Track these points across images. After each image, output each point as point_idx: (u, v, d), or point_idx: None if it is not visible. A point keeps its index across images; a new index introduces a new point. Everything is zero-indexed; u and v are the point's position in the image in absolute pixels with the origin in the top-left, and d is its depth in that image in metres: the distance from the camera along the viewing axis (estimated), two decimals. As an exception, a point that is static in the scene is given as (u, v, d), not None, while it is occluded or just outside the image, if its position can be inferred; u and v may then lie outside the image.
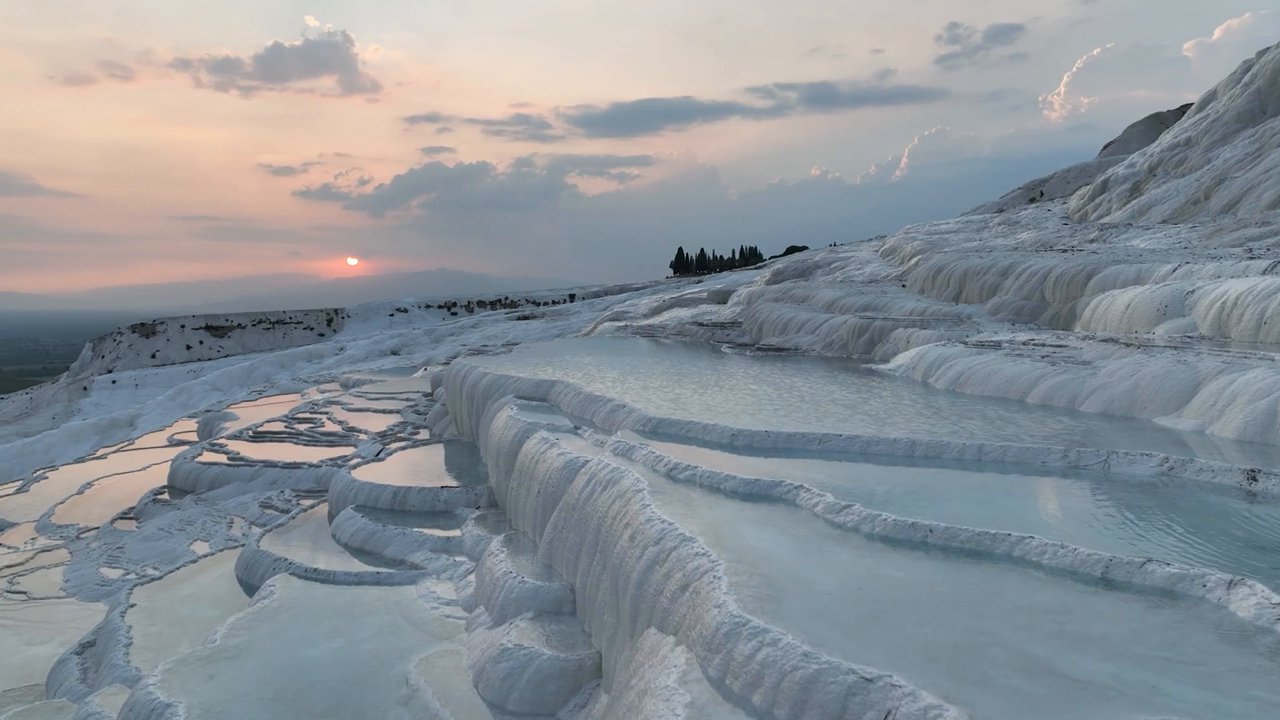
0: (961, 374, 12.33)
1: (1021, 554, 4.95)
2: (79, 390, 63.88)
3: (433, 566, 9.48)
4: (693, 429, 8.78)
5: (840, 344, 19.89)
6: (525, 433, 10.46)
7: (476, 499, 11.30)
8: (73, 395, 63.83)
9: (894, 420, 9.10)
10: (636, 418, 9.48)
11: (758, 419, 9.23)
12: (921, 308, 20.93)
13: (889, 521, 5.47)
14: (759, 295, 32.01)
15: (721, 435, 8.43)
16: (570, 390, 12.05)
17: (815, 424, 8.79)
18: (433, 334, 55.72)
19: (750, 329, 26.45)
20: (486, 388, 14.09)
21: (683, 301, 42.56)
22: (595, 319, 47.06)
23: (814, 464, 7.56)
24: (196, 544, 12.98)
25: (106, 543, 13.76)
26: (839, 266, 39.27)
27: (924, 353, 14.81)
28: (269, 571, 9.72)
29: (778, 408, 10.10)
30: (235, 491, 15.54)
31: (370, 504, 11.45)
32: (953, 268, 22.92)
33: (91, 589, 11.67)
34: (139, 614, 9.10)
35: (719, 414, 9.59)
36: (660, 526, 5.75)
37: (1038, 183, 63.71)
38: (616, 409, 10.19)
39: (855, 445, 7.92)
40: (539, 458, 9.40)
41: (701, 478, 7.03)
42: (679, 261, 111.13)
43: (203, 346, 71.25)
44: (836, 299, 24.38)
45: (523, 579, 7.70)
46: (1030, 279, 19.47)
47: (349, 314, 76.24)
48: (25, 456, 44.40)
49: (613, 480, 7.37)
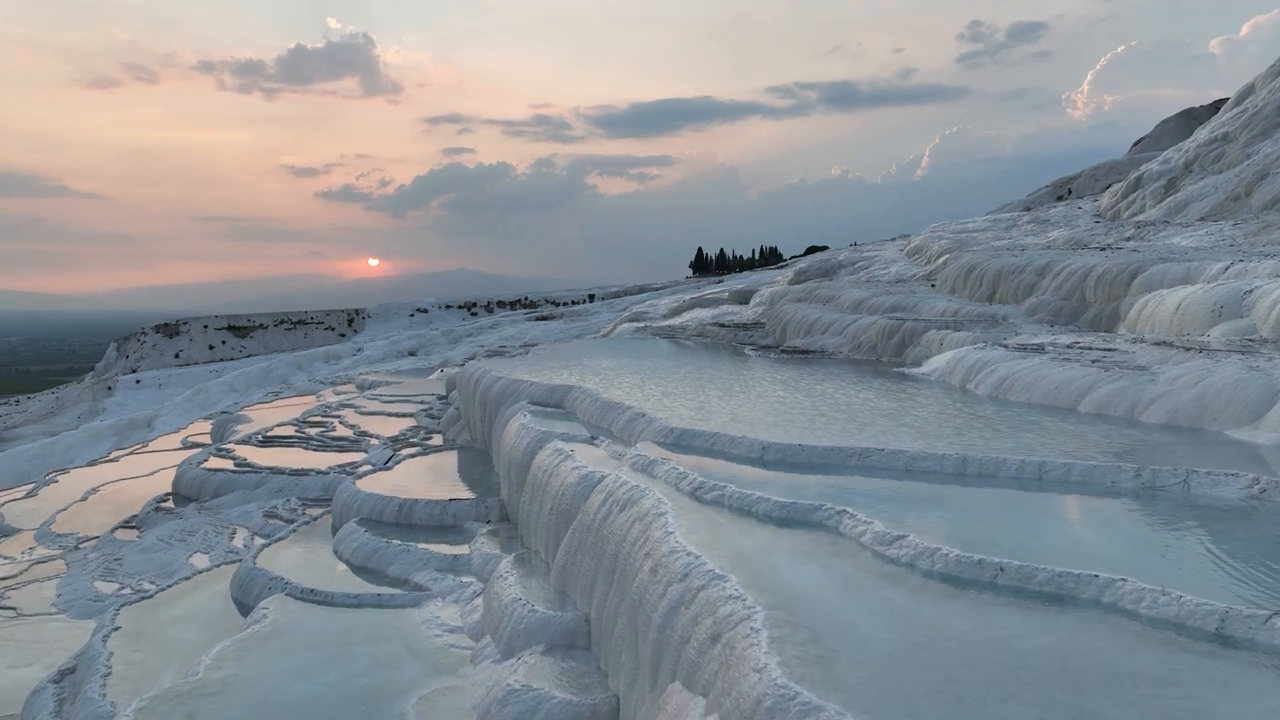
0: (1005, 379, 11.54)
1: (1113, 600, 4.20)
2: (103, 390, 64.11)
3: (438, 588, 8.81)
4: (719, 441, 8.06)
5: (869, 346, 19.10)
6: (538, 443, 9.79)
7: (487, 512, 10.63)
8: (97, 395, 64.07)
9: (938, 432, 8.35)
10: (657, 428, 8.77)
11: (789, 430, 8.50)
12: (954, 308, 20.09)
13: (950, 558, 4.73)
14: (782, 295, 31.24)
15: (751, 449, 7.71)
16: (587, 396, 11.36)
17: (853, 436, 8.05)
18: (450, 335, 55.24)
19: (774, 330, 25.68)
20: (499, 392, 13.42)
21: (703, 302, 41.82)
22: (614, 319, 46.41)
23: (854, 482, 6.83)
24: (196, 556, 12.39)
25: (105, 554, 13.21)
26: (863, 266, 38.39)
27: (960, 356, 14.01)
28: (264, 591, 9.09)
29: (810, 417, 9.36)
30: (240, 500, 14.95)
31: (375, 517, 10.80)
32: (985, 267, 22.04)
33: (84, 605, 11.09)
34: (123, 638, 8.48)
35: (747, 424, 8.87)
36: (686, 560, 5.04)
37: (1066, 180, 62.47)
38: (636, 418, 9.49)
39: (899, 461, 7.18)
40: (552, 471, 8.71)
41: (731, 498, 6.32)
42: (698, 262, 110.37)
43: (225, 346, 71.40)
44: (863, 299, 23.56)
45: (533, 607, 7.01)
46: (1069, 278, 18.59)
47: (370, 314, 76.16)
48: (45, 457, 44.31)
49: (632, 500, 6.67)
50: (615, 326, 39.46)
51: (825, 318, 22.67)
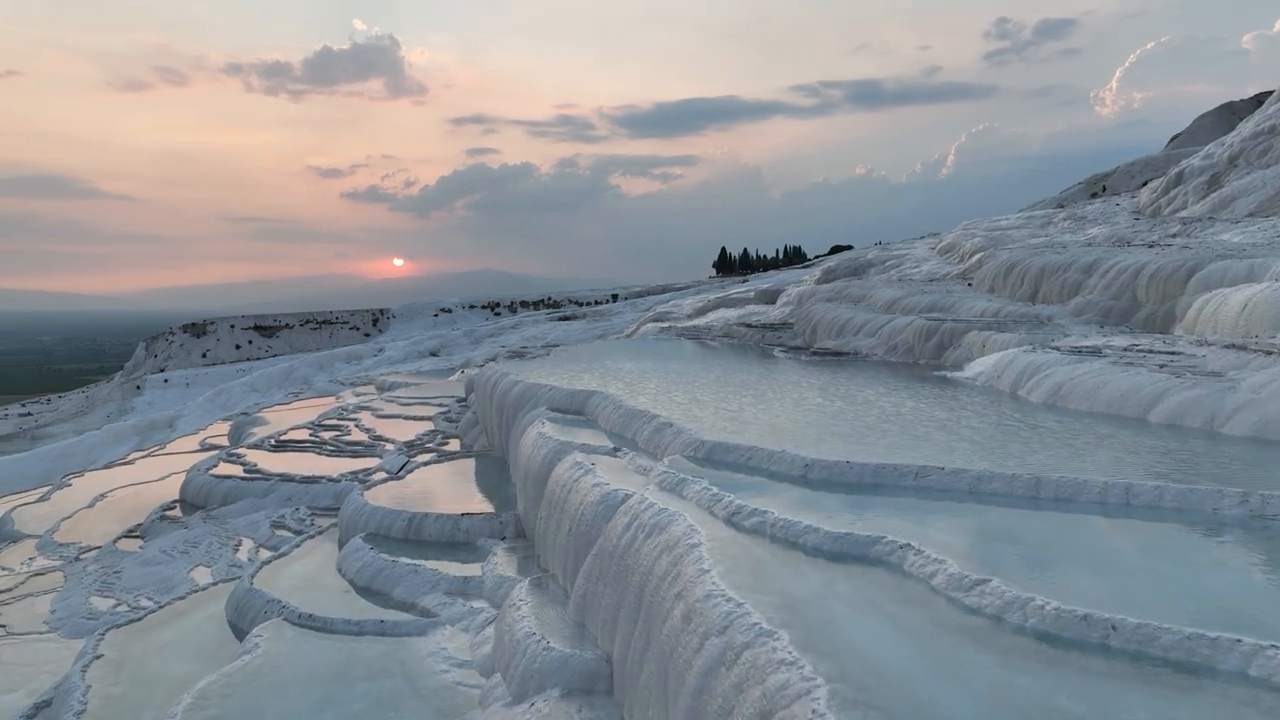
0: (1062, 385, 10.64)
1: (1263, 674, 3.38)
2: (132, 389, 64.43)
3: (446, 614, 8.07)
4: (756, 456, 7.26)
5: (905, 348, 18.20)
6: (556, 454, 9.03)
7: (502, 528, 9.89)
8: (126, 394, 64.38)
9: (1002, 447, 7.50)
10: (686, 440, 7.98)
11: (833, 444, 7.68)
12: (994, 308, 19.15)
13: (1048, 611, 3.91)
14: (810, 295, 30.36)
15: (792, 465, 6.90)
16: (609, 403, 10.59)
17: (906, 452, 7.22)
18: (472, 335, 54.69)
19: (803, 330, 24.81)
20: (517, 397, 12.68)
21: (728, 301, 40.98)
22: (638, 319, 45.66)
23: (911, 507, 6.01)
24: (197, 570, 11.76)
25: (104, 566, 12.61)
26: (894, 265, 37.39)
27: (1008, 359, 13.12)
28: (260, 615, 8.39)
29: (854, 428, 8.53)
30: (247, 508, 14.33)
31: (382, 532, 10.08)
32: (1027, 265, 21.06)
33: (76, 623, 10.47)
34: (105, 668, 7.82)
35: (785, 436, 8.06)
36: (726, 608, 4.25)
37: (1100, 177, 61.02)
38: (663, 428, 8.70)
39: (962, 482, 6.34)
40: (571, 487, 7.95)
41: (773, 527, 5.52)
42: (722, 261, 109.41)
43: (251, 346, 71.61)
44: (897, 299, 22.64)
45: (548, 644, 6.25)
46: (1118, 277, 17.60)
47: (394, 314, 76.15)
48: (67, 457, 44.20)
49: (660, 525, 5.89)
50: (639, 327, 38.70)
51: (857, 318, 21.79)
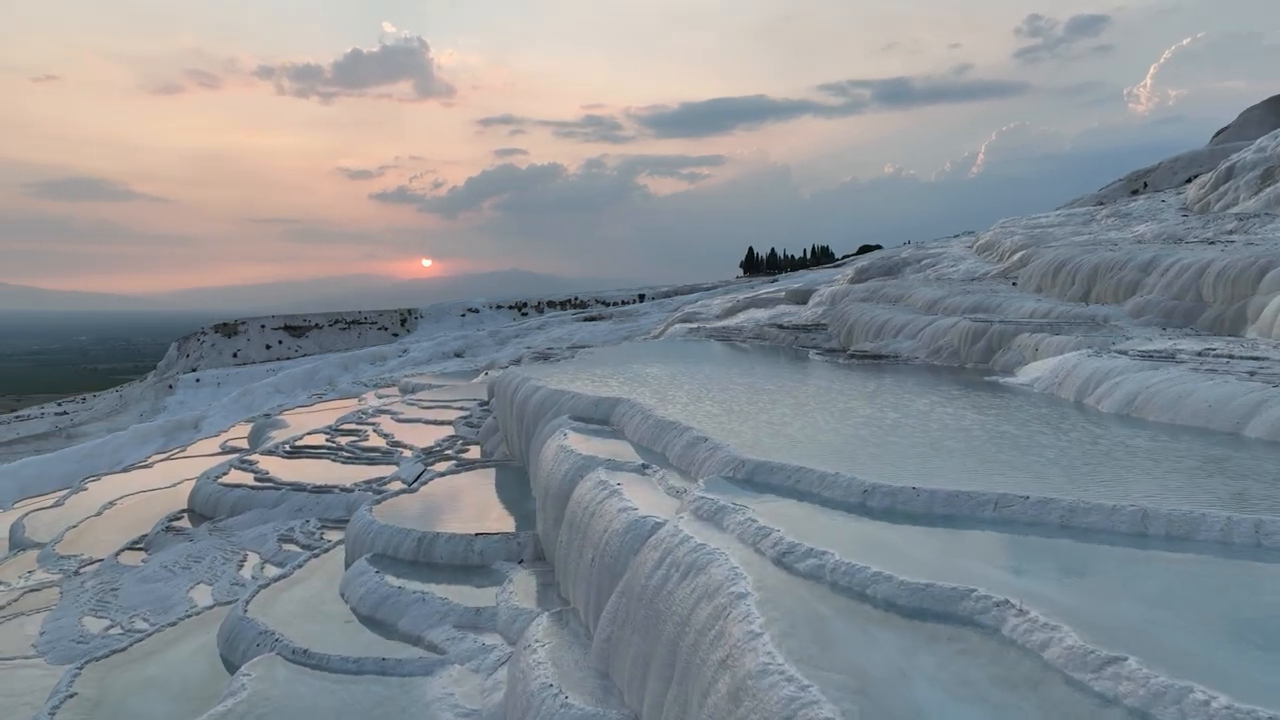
0: (1137, 395, 9.63)
1: None
2: (165, 388, 64.84)
3: (456, 650, 7.24)
4: (805, 479, 6.34)
5: (949, 350, 17.18)
6: (578, 471, 8.17)
7: (519, 550, 9.04)
8: (159, 393, 64.77)
9: (1091, 469, 6.53)
10: (724, 457, 7.09)
11: (893, 464, 6.75)
12: (1044, 308, 18.06)
13: (1217, 712, 2.98)
14: (844, 295, 29.36)
15: (849, 491, 5.98)
16: (637, 412, 9.71)
17: (979, 475, 6.28)
18: (497, 336, 54.04)
19: (838, 332, 23.82)
20: (538, 405, 11.84)
21: (758, 302, 40.02)
22: (665, 320, 44.78)
23: (994, 543, 5.09)
24: (198, 588, 11.02)
25: (103, 581, 11.92)
26: (930, 264, 36.24)
27: (1069, 364, 12.10)
28: (252, 649, 7.61)
29: (913, 444, 7.59)
30: (256, 520, 13.61)
31: (390, 553, 9.27)
32: (1078, 263, 19.93)
33: (65, 647, 9.76)
34: (77, 709, 7.06)
35: (835, 454, 7.15)
36: (786, 692, 3.36)
37: (1141, 174, 59.38)
38: (696, 442, 7.81)
39: (1052, 514, 5.40)
40: (594, 509, 7.08)
41: (835, 572, 4.61)
42: (749, 261, 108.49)
43: (281, 346, 71.92)
44: (938, 299, 21.59)
45: (566, 700, 5.39)
46: (1180, 275, 16.47)
47: (422, 314, 76.23)
48: (94, 458, 44.08)
49: (697, 566, 5.01)
50: (666, 327, 37.83)
51: (896, 319, 20.78)
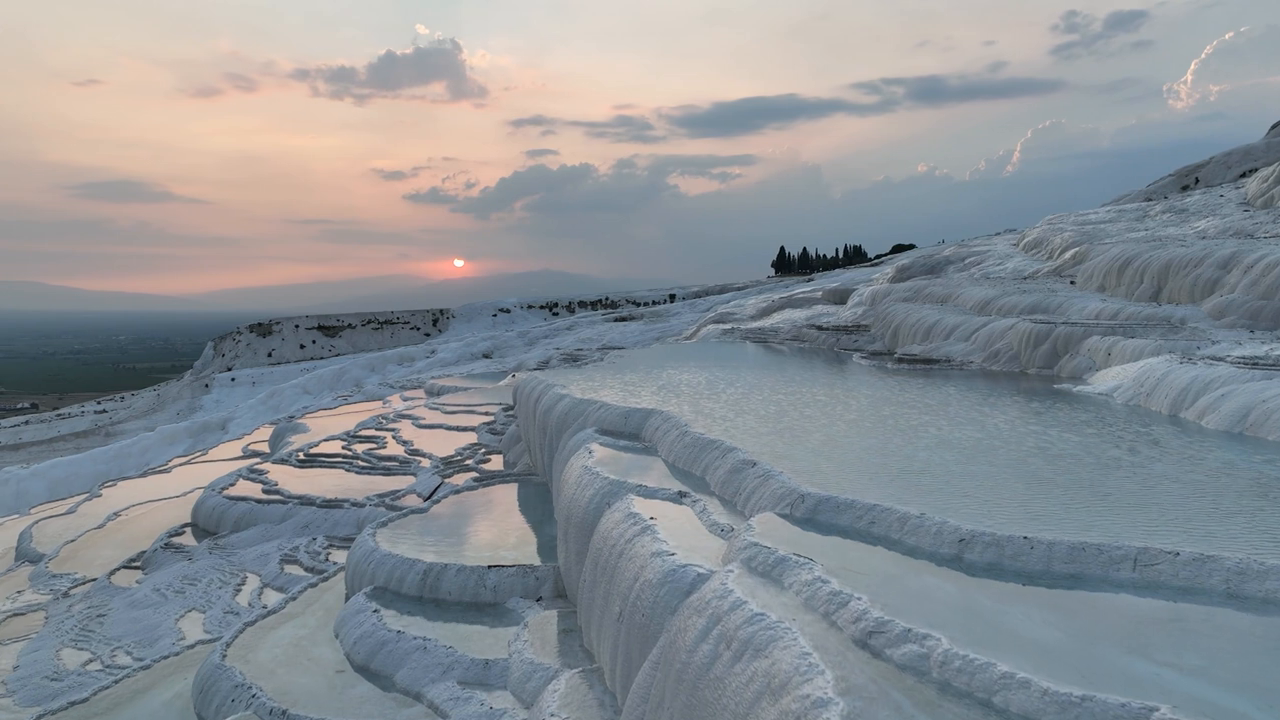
0: (1250, 410, 8.32)
1: None
2: (201, 387, 65.23)
3: (458, 715, 6.12)
4: (881, 520, 5.16)
5: (1008, 354, 15.86)
6: (605, 497, 7.04)
7: (537, 585, 7.92)
8: (195, 392, 65.11)
9: (1231, 507, 5.28)
10: (779, 489, 5.91)
11: (986, 501, 5.54)
12: (1111, 309, 16.67)
13: None
14: (885, 294, 28.03)
15: (939, 539, 4.79)
16: (672, 427, 8.56)
17: (1103, 520, 5.05)
18: (526, 336, 53.09)
19: (881, 334, 22.53)
20: (562, 415, 10.73)
21: (794, 302, 38.74)
22: (698, 320, 43.57)
23: (1145, 618, 3.88)
24: (189, 616, 10.04)
25: (91, 605, 10.99)
26: (974, 262, 34.76)
27: (1155, 372, 10.79)
28: (226, 705, 6.56)
29: (1003, 473, 6.36)
30: (259, 536, 12.63)
31: (393, 586, 8.19)
32: (1146, 259, 18.48)
33: (37, 685, 8.80)
34: (17, 780, 6.11)
35: (912, 485, 5.95)
36: None
37: (1191, 169, 57.33)
38: (743, 467, 6.65)
39: (1213, 576, 4.17)
40: (623, 550, 5.94)
41: (944, 667, 3.43)
42: (780, 261, 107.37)
43: (315, 346, 72.29)
44: (991, 298, 20.23)
45: (588, 805, 4.25)
46: (1266, 273, 15.02)
47: (454, 314, 76.20)
48: (122, 459, 43.82)
49: (755, 645, 3.85)
50: (699, 328, 36.67)
51: (946, 320, 19.46)
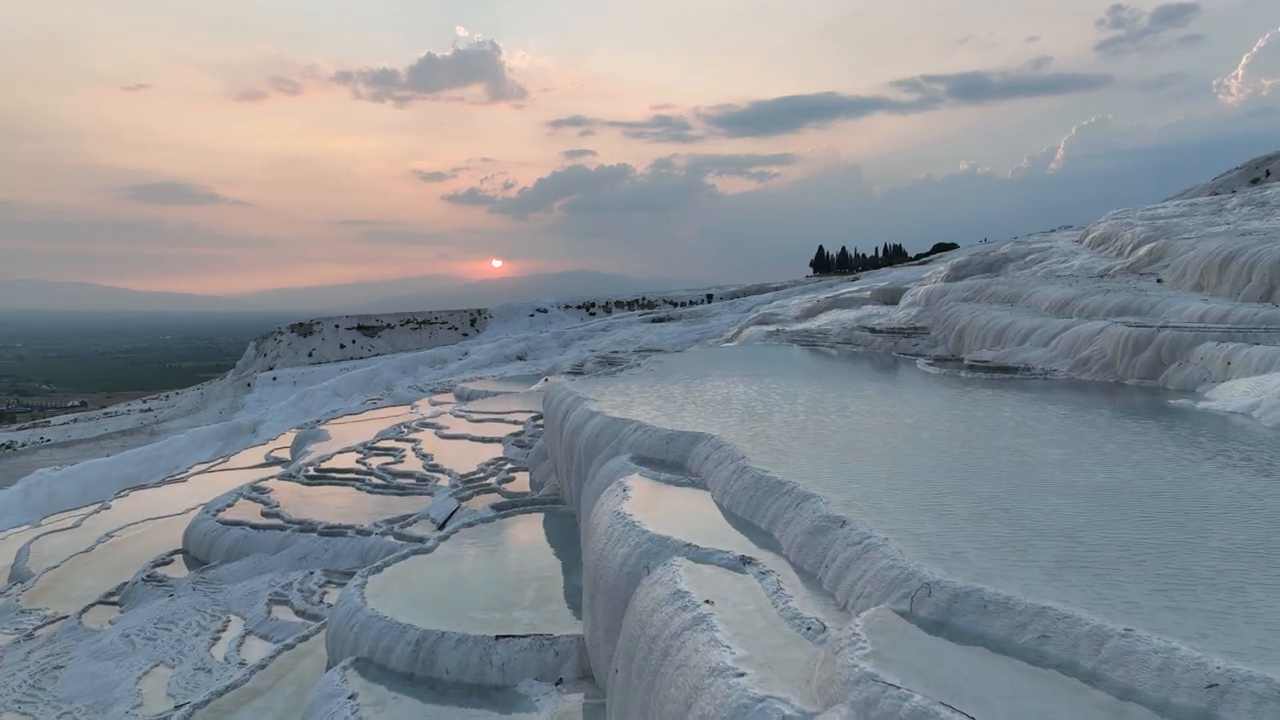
0: None
1: None
2: (243, 386, 65.60)
3: None
4: (1060, 635, 3.41)
5: (1100, 362, 13.94)
6: (642, 557, 5.37)
7: (558, 664, 6.25)
8: (238, 391, 65.42)
9: None
10: (886, 569, 4.18)
11: (1206, 596, 3.78)
12: (1218, 310, 14.68)
13: None
14: (942, 294, 26.08)
15: (1172, 678, 3.04)
16: (726, 459, 6.86)
17: None
18: (561, 338, 51.60)
19: (943, 337, 20.61)
20: (592, 437, 9.06)
21: (840, 302, 36.87)
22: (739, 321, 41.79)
23: None
24: (154, 672, 8.53)
25: (50, 654, 9.56)
26: (1036, 259, 32.63)
27: (1309, 387, 8.89)
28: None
29: (1204, 542, 4.58)
30: (251, 569, 11.15)
31: (378, 658, 6.59)
32: (1254, 255, 16.42)
33: (-39, 764, 7.36)
34: None
35: (1074, 562, 4.21)
36: None
37: (1262, 161, 54.65)
38: (828, 527, 4.93)
39: None
40: (668, 647, 4.27)
41: None
42: (819, 260, 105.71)
43: (355, 345, 72.70)
44: (1070, 299, 18.26)
45: None
46: None
47: (491, 314, 75.95)
48: (153, 460, 43.10)
49: None
50: (742, 330, 34.94)
51: (1020, 322, 17.53)
